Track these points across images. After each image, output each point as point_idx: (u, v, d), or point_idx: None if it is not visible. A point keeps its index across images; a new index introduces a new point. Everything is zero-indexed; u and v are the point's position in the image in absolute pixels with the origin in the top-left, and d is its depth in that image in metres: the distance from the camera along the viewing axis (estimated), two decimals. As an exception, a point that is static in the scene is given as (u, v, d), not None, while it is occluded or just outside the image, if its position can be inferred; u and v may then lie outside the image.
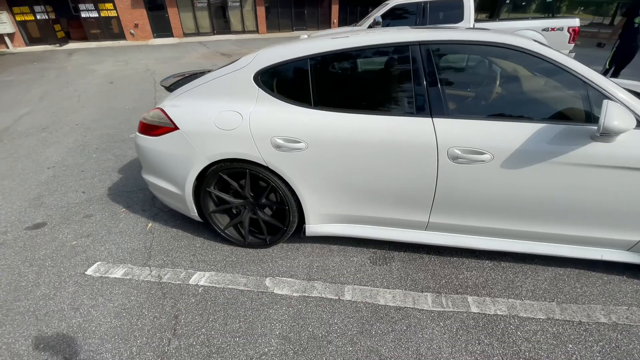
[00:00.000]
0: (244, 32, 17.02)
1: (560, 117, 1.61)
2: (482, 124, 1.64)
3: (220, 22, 16.60)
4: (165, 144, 2.02)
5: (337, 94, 1.84)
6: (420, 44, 1.72)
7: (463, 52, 1.83)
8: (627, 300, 1.74)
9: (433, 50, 1.71)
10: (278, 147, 1.81)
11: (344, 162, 1.79)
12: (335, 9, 17.76)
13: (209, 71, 2.24)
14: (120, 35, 15.29)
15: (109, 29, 15.23)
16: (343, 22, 17.88)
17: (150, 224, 2.53)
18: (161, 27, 15.64)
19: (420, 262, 2.06)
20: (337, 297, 1.82)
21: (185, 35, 15.94)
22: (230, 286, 1.92)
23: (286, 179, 1.88)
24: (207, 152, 1.92)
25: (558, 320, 1.64)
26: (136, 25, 15.11)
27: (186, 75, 2.66)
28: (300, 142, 1.79)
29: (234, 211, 2.21)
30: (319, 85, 1.84)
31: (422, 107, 1.69)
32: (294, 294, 1.85)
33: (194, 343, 1.59)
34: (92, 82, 7.52)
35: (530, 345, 1.52)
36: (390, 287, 1.87)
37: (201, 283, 1.95)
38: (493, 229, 1.84)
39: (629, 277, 1.88)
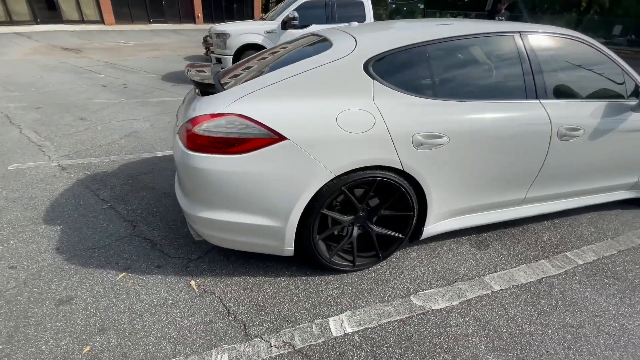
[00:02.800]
0: (82, 21, 13.34)
1: (614, 96, 2.06)
2: (577, 104, 1.92)
3: (44, 9, 12.43)
4: (261, 162, 1.44)
5: (458, 83, 1.75)
6: (521, 33, 1.84)
7: (546, 42, 1.99)
8: None
9: (530, 39, 1.86)
10: (419, 145, 1.59)
11: (482, 153, 1.74)
12: (198, 2, 16.13)
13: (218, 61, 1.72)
14: None
15: None
16: (208, 17, 16.50)
17: (192, 281, 1.76)
18: None
19: (509, 237, 2.23)
20: (489, 291, 1.77)
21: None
22: (384, 320, 1.57)
23: (419, 180, 1.67)
24: (333, 163, 1.49)
25: (633, 247, 2.12)
26: None
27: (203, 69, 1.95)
28: (442, 136, 1.62)
29: (336, 233, 1.80)
30: (439, 74, 1.70)
31: (534, 92, 1.83)
32: (453, 303, 1.69)
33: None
34: None
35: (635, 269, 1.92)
36: (514, 266, 1.96)
37: (348, 330, 1.52)
38: (567, 192, 2.17)
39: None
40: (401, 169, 1.60)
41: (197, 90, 1.78)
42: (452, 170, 1.72)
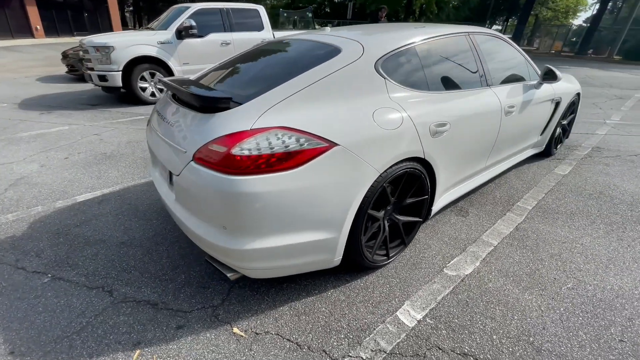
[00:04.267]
0: None
1: (523, 79, 2.68)
2: (509, 88, 2.42)
3: None
4: (315, 173, 1.36)
5: (445, 76, 1.99)
6: (469, 33, 2.23)
7: (483, 39, 2.41)
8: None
9: (476, 37, 2.27)
10: (435, 134, 1.76)
11: (467, 133, 2.03)
12: (34, 12, 12.90)
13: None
14: None
15: None
16: (52, 30, 13.42)
17: (234, 329, 1.51)
18: None
19: (476, 201, 2.66)
20: (492, 247, 2.09)
21: None
22: (439, 297, 1.69)
23: (433, 166, 1.86)
24: (378, 161, 1.52)
25: (551, 189, 2.80)
26: None
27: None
28: (446, 123, 1.83)
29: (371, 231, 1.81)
30: (430, 70, 1.91)
31: (486, 81, 2.24)
32: (477, 264, 1.93)
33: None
34: None
35: (560, 206, 2.56)
36: (494, 223, 2.36)
37: (418, 317, 1.57)
38: (506, 156, 2.72)
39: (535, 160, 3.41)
40: (423, 157, 1.75)
41: (183, 105, 1.53)
42: (451, 152, 1.96)
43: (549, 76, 2.65)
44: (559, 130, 3.47)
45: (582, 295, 1.71)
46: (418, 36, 1.91)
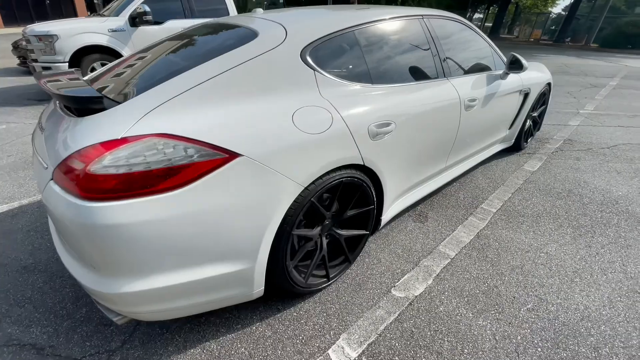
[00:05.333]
0: None
1: (488, 68, 2.43)
2: (471, 79, 2.18)
3: None
4: (209, 193, 1.07)
5: (390, 67, 1.72)
6: (423, 16, 1.95)
7: (440, 24, 2.13)
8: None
9: (432, 22, 1.99)
10: (375, 136, 1.50)
11: (419, 133, 1.78)
12: None
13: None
14: None
15: None
16: (10, 18, 12.41)
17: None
18: None
19: (437, 204, 2.43)
20: (449, 259, 1.87)
21: None
22: (381, 327, 1.45)
23: (377, 172, 1.60)
24: (300, 173, 1.24)
25: (519, 187, 2.61)
26: None
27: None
28: (390, 123, 1.57)
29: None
30: (371, 59, 1.63)
31: (443, 71, 1.98)
32: (429, 283, 1.70)
33: None
34: None
35: (526, 208, 2.37)
36: (454, 229, 2.14)
37: (353, 355, 1.33)
38: (469, 154, 2.51)
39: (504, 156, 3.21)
40: (362, 164, 1.48)
41: (61, 107, 1.21)
42: (399, 155, 1.71)
43: (515, 65, 2.42)
44: (529, 122, 3.28)
45: (543, 319, 1.50)
46: (359, 19, 1.62)
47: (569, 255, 1.91)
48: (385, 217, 1.86)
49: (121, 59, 1.79)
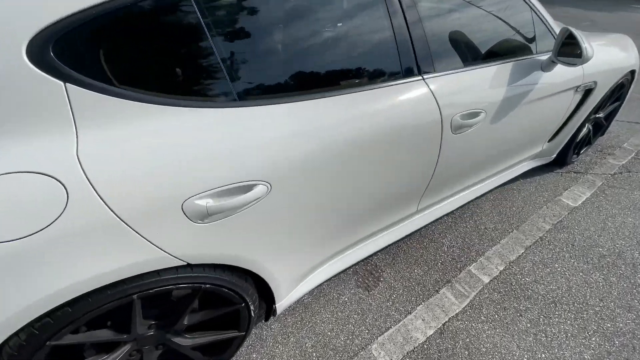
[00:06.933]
0: None
1: (519, 51, 1.47)
2: (474, 73, 1.27)
3: None
4: None
5: (277, 69, 0.91)
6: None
7: None
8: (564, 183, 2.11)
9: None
10: (205, 216, 0.78)
11: (333, 183, 1.01)
12: None
13: None
14: None
15: None
16: None
17: None
18: None
19: (403, 254, 1.70)
20: (377, 376, 1.22)
21: None
22: None
23: (234, 262, 0.91)
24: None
25: (540, 238, 1.77)
26: None
27: None
28: (258, 184, 0.83)
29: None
30: (232, 55, 0.83)
31: (415, 61, 1.11)
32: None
33: None
34: None
35: (538, 282, 1.56)
36: (409, 311, 1.43)
37: None
38: (468, 185, 1.68)
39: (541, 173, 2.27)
40: (178, 264, 0.80)
41: None
42: (286, 223, 0.98)
43: (569, 50, 1.41)
44: (586, 128, 2.22)
45: None
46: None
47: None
48: (287, 301, 1.20)
49: None
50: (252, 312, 1.07)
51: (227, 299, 0.97)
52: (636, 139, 2.75)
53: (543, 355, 1.27)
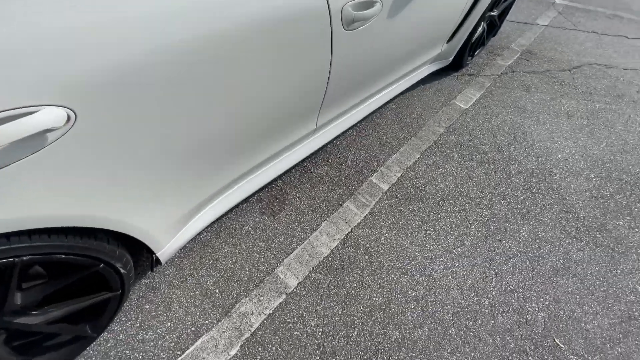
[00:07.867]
0: None
1: None
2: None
3: None
4: None
5: None
6: None
7: None
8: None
9: None
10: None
11: (183, 99, 0.78)
12: None
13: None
14: None
15: None
16: None
17: None
18: None
19: (309, 174, 1.63)
20: (284, 296, 1.22)
21: None
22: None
23: (62, 222, 0.69)
24: None
25: (434, 142, 1.84)
26: None
27: None
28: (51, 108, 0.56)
29: None
30: None
31: None
32: (232, 353, 1.08)
33: None
34: None
35: (430, 183, 1.68)
36: (315, 228, 1.42)
37: None
38: (370, 94, 1.59)
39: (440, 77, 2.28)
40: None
41: None
42: (118, 156, 0.76)
43: None
44: (482, 27, 2.24)
45: None
46: None
47: (455, 282, 1.34)
48: (170, 249, 1.05)
49: None
50: (119, 269, 0.89)
51: (72, 264, 0.77)
52: (523, 39, 2.93)
53: (431, 247, 1.41)
